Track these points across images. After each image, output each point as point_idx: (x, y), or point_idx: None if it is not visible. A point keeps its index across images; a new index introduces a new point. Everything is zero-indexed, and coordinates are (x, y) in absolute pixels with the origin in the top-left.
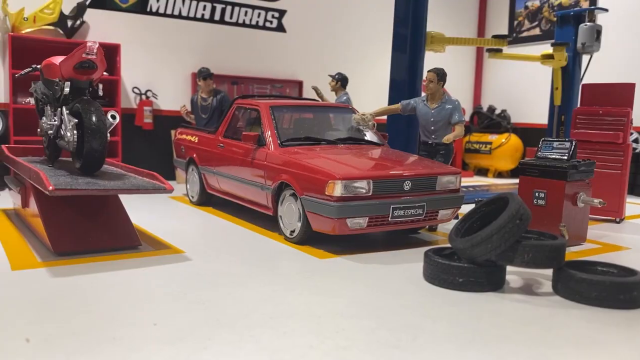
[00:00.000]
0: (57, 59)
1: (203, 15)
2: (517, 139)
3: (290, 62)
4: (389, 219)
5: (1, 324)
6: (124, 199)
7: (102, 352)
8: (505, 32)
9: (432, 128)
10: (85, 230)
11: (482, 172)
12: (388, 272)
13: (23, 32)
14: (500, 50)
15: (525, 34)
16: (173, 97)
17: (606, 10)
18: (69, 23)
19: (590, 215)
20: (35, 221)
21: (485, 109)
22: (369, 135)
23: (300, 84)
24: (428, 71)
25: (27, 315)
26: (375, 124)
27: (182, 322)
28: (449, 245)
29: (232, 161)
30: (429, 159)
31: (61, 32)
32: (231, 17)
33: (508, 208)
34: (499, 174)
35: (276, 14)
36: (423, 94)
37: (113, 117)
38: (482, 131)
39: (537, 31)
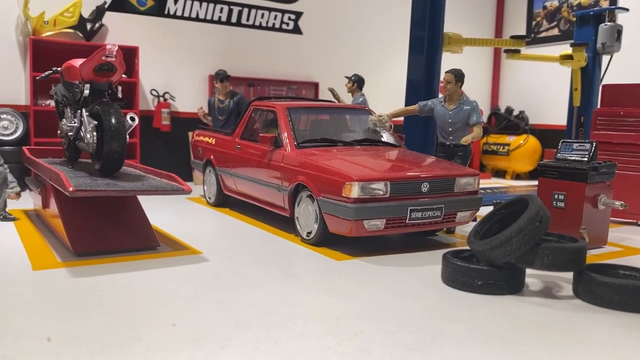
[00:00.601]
0: (77, 62)
1: (220, 17)
2: (536, 140)
3: (306, 64)
4: (407, 221)
5: (22, 324)
6: (143, 200)
7: (122, 353)
8: (523, 32)
9: (450, 129)
10: (104, 231)
11: (500, 173)
12: (406, 275)
13: (43, 35)
14: (518, 51)
15: (543, 34)
16: (190, 99)
17: (627, 9)
18: (89, 26)
19: (611, 218)
20: (55, 222)
21: (503, 110)
22: (386, 137)
23: (316, 86)
24: (445, 72)
25: (48, 315)
26: (392, 125)
27: (201, 323)
28: (467, 247)
29: (249, 163)
30: (447, 160)
31: (81, 35)
32: (248, 20)
33: (528, 210)
34: (517, 176)
35: (292, 16)
36: (440, 95)
37: (132, 119)
38: (500, 132)
39: (555, 31)
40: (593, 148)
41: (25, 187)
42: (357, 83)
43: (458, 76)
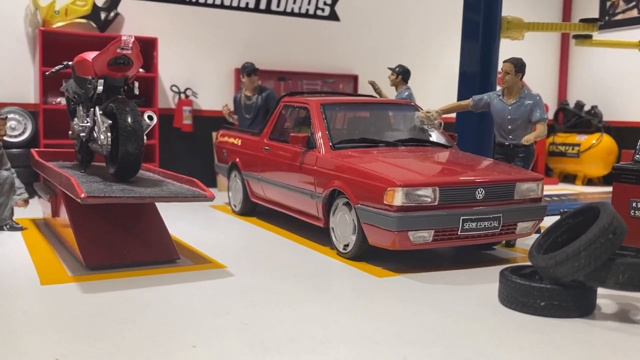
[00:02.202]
0: (90, 55)
1: (247, 4)
2: (611, 139)
3: (344, 55)
4: (459, 233)
5: (30, 343)
6: (161, 207)
7: None
8: (595, 15)
9: (510, 127)
10: (119, 242)
11: (569, 178)
12: (457, 294)
13: (54, 26)
14: (589, 37)
15: (619, 16)
16: (214, 95)
17: None
18: (103, 15)
19: None
20: (65, 232)
21: (572, 104)
22: (435, 136)
23: (355, 79)
24: (504, 62)
25: (57, 334)
26: (442, 123)
27: (224, 345)
28: (529, 263)
29: (278, 166)
30: (506, 163)
31: (94, 25)
32: (278, 6)
33: (599, 220)
34: (589, 181)
35: (328, 1)
36: (498, 87)
37: (150, 118)
38: (569, 131)
39: (634, 13)
40: None
41: (34, 193)
42: (401, 75)
43: (518, 66)
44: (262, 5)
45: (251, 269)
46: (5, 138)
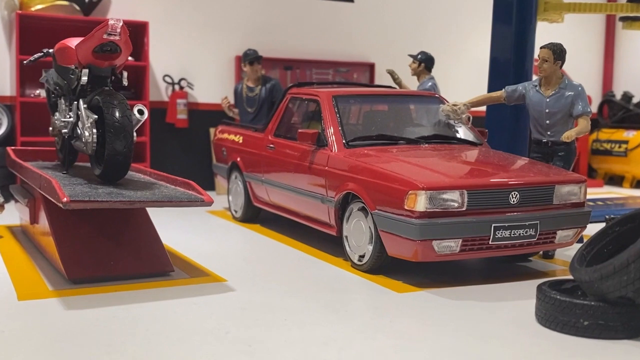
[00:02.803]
0: (73, 42)
1: None
2: None
3: (359, 40)
4: (490, 242)
5: None
6: (153, 213)
7: None
8: None
9: (548, 122)
10: (106, 252)
11: (615, 180)
12: (489, 312)
13: (33, 9)
14: (639, 19)
15: None
16: (212, 87)
17: None
18: None
19: None
20: (46, 241)
21: (618, 96)
22: (463, 132)
23: (371, 68)
24: (541, 48)
25: (36, 355)
26: (471, 117)
27: None
28: (570, 277)
29: (285, 166)
30: (544, 162)
31: (77, 8)
32: None
33: None
34: (638, 183)
35: None
36: (535, 77)
37: (140, 112)
38: (615, 126)
39: None
40: None
41: (10, 197)
42: (424, 63)
43: (557, 53)
44: None
45: (254, 283)
46: None
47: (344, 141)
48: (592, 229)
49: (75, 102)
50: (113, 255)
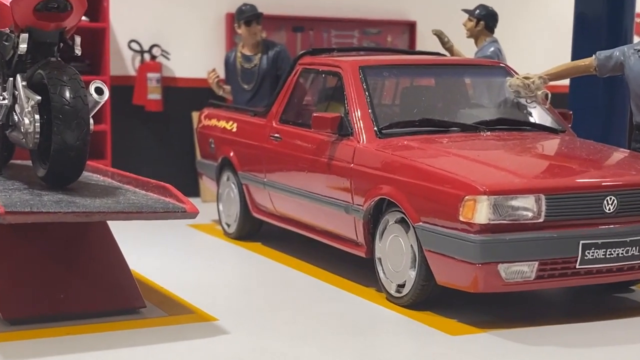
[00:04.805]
0: None
1: None
2: None
3: None
4: (577, 266)
5: None
6: (118, 229)
7: None
8: None
9: None
10: (54, 282)
11: None
12: None
13: None
14: None
15: None
16: (195, 56)
17: None
18: None
19: None
20: None
21: None
22: (538, 115)
23: (411, 28)
24: None
25: None
26: (549, 95)
27: None
28: None
29: (295, 163)
30: None
31: None
32: None
33: None
34: None
35: None
36: (636, 39)
37: (98, 91)
38: None
39: None
40: None
41: None
42: (484, 21)
43: None
44: None
45: (255, 324)
46: None
47: (375, 129)
48: None
49: (11, 79)
50: (63, 286)
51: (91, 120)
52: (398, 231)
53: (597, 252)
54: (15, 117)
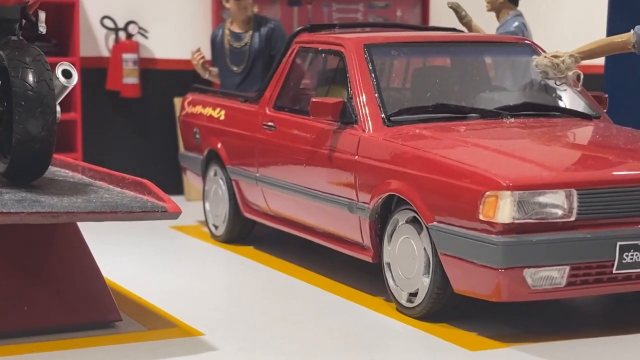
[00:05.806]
0: None
1: None
2: None
3: None
4: (614, 271)
5: None
6: (89, 231)
7: None
8: None
9: None
10: (17, 292)
11: None
12: None
13: None
14: None
15: None
16: (177, 34)
17: None
18: None
19: None
20: None
21: None
22: (569, 99)
23: (424, 0)
24: None
25: None
26: (582, 75)
27: None
28: None
29: (291, 156)
30: None
31: None
32: None
33: None
34: None
35: None
36: None
37: (66, 74)
38: None
39: None
40: None
41: None
42: None
43: None
44: None
45: (246, 339)
46: None
47: (382, 115)
48: None
49: None
50: (27, 297)
51: (58, 108)
52: (409, 232)
53: (636, 254)
54: None
